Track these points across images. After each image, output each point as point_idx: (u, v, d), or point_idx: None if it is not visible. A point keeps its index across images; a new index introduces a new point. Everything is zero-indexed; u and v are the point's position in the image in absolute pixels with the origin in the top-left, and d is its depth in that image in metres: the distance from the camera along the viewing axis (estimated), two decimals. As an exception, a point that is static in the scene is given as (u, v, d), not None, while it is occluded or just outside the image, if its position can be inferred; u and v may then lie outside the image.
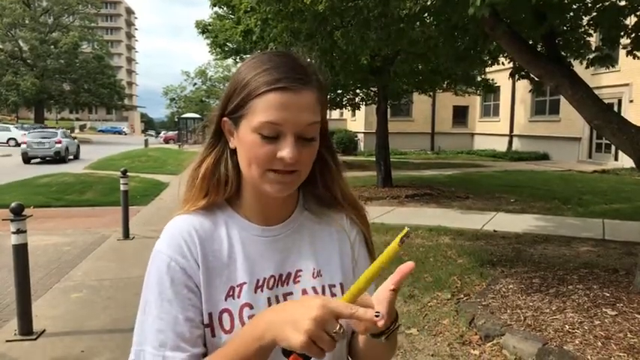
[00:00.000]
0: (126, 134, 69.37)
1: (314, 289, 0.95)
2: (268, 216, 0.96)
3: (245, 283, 0.91)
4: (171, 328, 0.85)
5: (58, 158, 22.11)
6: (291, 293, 0.94)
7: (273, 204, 0.95)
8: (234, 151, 0.92)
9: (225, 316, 0.88)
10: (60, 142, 22.52)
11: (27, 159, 21.76)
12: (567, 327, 3.70)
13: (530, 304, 4.21)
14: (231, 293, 0.90)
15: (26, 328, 4.04)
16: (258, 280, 0.92)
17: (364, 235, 1.05)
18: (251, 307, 0.89)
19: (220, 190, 0.94)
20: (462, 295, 4.62)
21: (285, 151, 0.84)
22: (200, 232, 0.92)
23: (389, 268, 0.78)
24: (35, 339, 3.98)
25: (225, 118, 0.91)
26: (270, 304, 0.91)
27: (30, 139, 22.30)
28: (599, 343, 3.42)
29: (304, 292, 0.94)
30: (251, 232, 0.95)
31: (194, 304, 0.88)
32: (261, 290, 0.92)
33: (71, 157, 23.90)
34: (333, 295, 0.95)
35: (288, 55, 0.90)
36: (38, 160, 22.02)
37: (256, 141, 0.85)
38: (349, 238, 1.02)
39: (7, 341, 3.95)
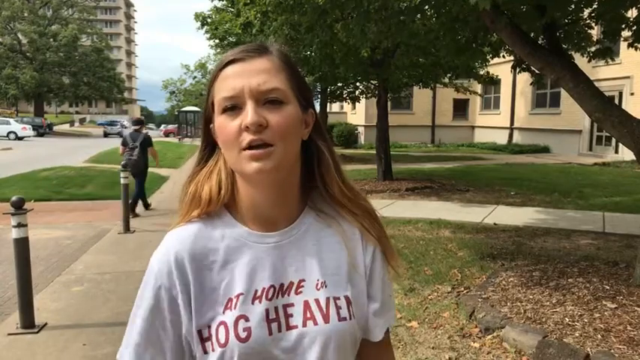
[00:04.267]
0: (126, 127, 69.33)
1: (317, 301, 0.87)
2: (267, 220, 0.90)
3: (242, 294, 0.86)
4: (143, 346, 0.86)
5: (119, 135, 39.99)
6: (292, 305, 0.87)
7: (266, 204, 0.89)
8: None
9: (222, 329, 0.84)
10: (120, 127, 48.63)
11: (105, 135, 46.22)
12: (567, 320, 3.71)
13: (531, 297, 4.22)
14: (229, 305, 0.85)
15: (28, 322, 4.06)
16: (256, 291, 0.86)
17: (381, 250, 0.96)
18: (247, 319, 0.84)
19: (213, 201, 0.89)
20: (463, 288, 4.63)
21: (247, 117, 0.81)
22: (194, 247, 0.87)
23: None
24: (37, 332, 4.00)
25: (211, 125, 0.89)
26: (268, 316, 0.85)
27: (106, 125, 48.12)
28: (599, 336, 3.43)
29: (306, 303, 0.87)
30: (249, 240, 0.89)
31: (172, 326, 0.86)
32: (259, 301, 0.86)
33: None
34: (338, 307, 0.88)
35: (247, 43, 0.93)
36: (110, 136, 43.94)
37: (223, 121, 0.84)
38: (361, 251, 0.94)
39: (9, 334, 3.97)
